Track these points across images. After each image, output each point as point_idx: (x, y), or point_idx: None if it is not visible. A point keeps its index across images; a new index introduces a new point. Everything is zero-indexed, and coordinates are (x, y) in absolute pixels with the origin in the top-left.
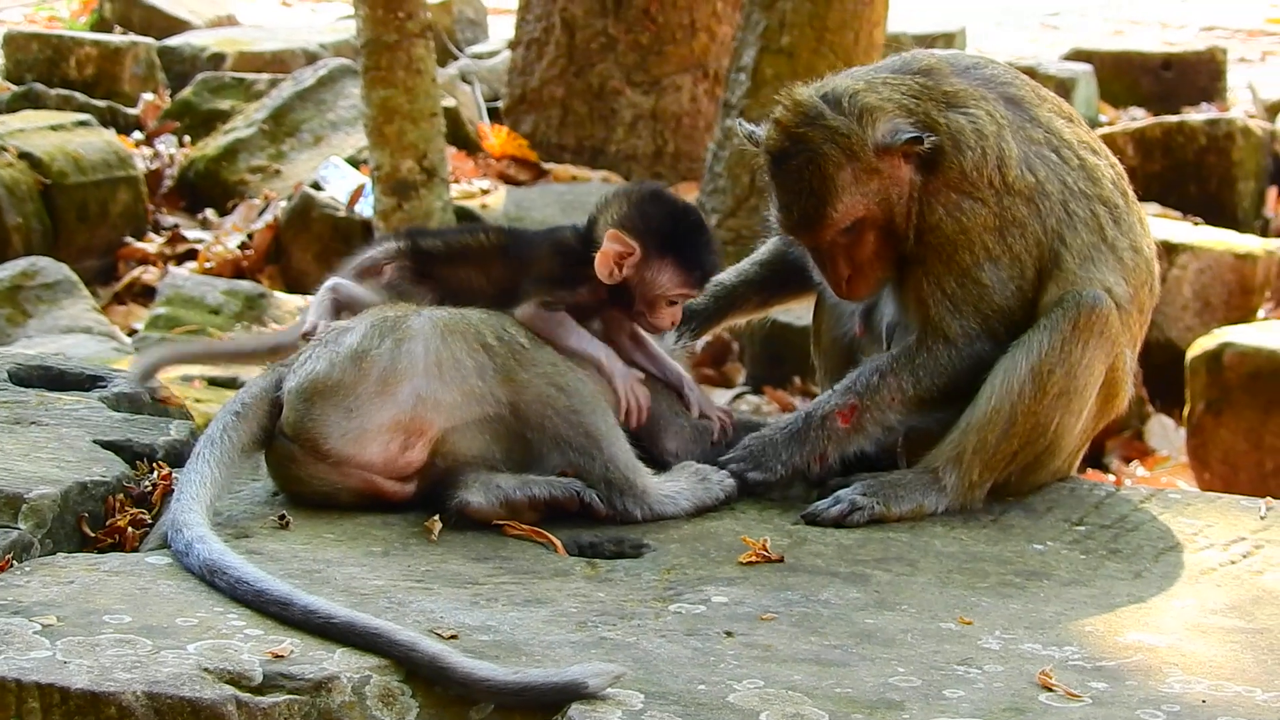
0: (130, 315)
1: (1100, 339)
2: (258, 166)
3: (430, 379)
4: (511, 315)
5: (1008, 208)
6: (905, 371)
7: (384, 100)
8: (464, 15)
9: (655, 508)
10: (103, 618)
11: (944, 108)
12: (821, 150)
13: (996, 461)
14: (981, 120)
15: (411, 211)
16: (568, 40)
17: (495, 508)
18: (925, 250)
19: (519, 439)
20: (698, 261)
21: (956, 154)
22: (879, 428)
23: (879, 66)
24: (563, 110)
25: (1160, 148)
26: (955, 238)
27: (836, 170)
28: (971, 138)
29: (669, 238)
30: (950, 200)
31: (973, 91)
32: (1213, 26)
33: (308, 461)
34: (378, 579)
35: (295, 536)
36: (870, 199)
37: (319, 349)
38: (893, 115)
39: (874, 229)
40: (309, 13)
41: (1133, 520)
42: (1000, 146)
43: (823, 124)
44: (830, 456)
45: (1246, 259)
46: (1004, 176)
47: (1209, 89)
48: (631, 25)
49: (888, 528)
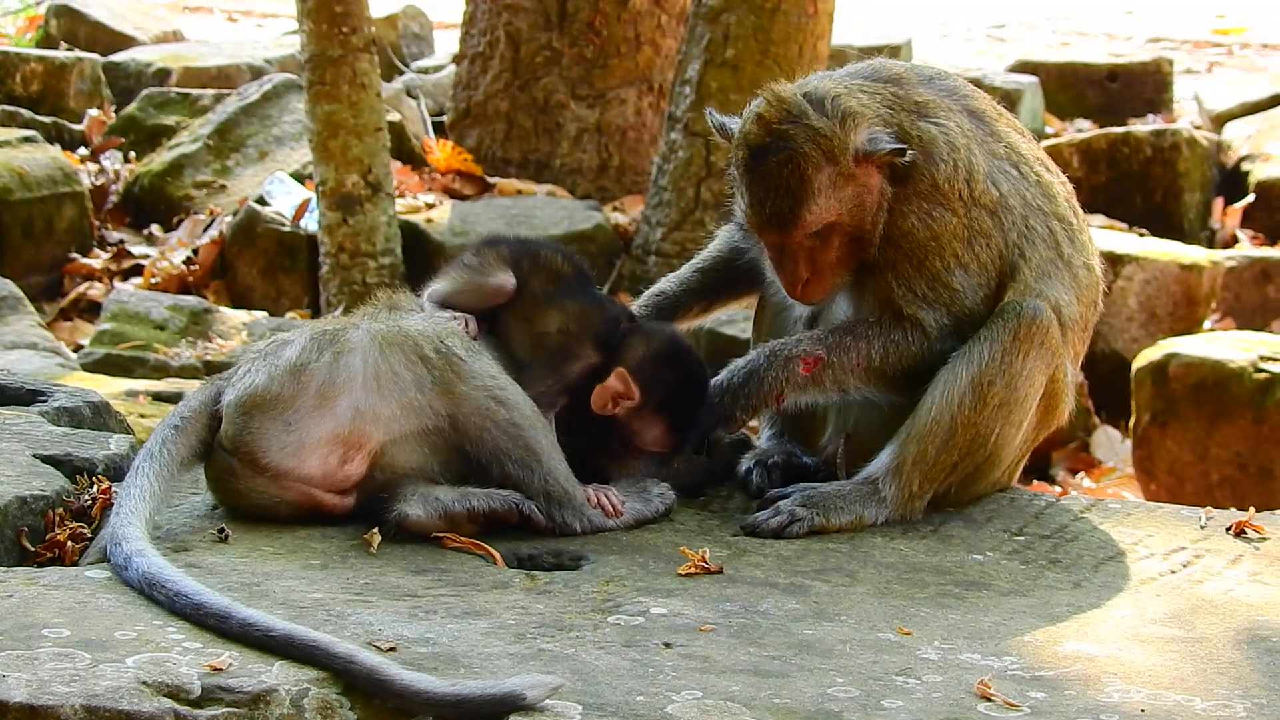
0: (76, 331)
1: (1040, 350)
2: (203, 182)
3: (369, 392)
4: (452, 327)
5: (975, 219)
6: (877, 342)
7: (329, 115)
8: (409, 30)
9: (594, 520)
10: (41, 631)
11: (916, 118)
12: (803, 149)
13: (936, 472)
14: (953, 132)
15: (356, 226)
16: (512, 54)
17: (434, 520)
18: (895, 255)
19: (458, 452)
20: (688, 430)
21: (929, 165)
22: (835, 387)
23: (850, 72)
24: (507, 124)
25: (1106, 159)
26: (927, 244)
27: (815, 171)
28: (944, 150)
29: (672, 401)
30: (922, 209)
31: (941, 103)
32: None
33: (247, 475)
34: (316, 592)
35: (234, 550)
36: (843, 204)
37: (258, 362)
38: (872, 123)
39: (841, 234)
40: (254, 28)
41: (1072, 530)
42: (970, 159)
43: (806, 123)
44: (785, 399)
45: (1192, 270)
46: (972, 190)
47: (1155, 100)
48: (576, 39)
49: (827, 539)
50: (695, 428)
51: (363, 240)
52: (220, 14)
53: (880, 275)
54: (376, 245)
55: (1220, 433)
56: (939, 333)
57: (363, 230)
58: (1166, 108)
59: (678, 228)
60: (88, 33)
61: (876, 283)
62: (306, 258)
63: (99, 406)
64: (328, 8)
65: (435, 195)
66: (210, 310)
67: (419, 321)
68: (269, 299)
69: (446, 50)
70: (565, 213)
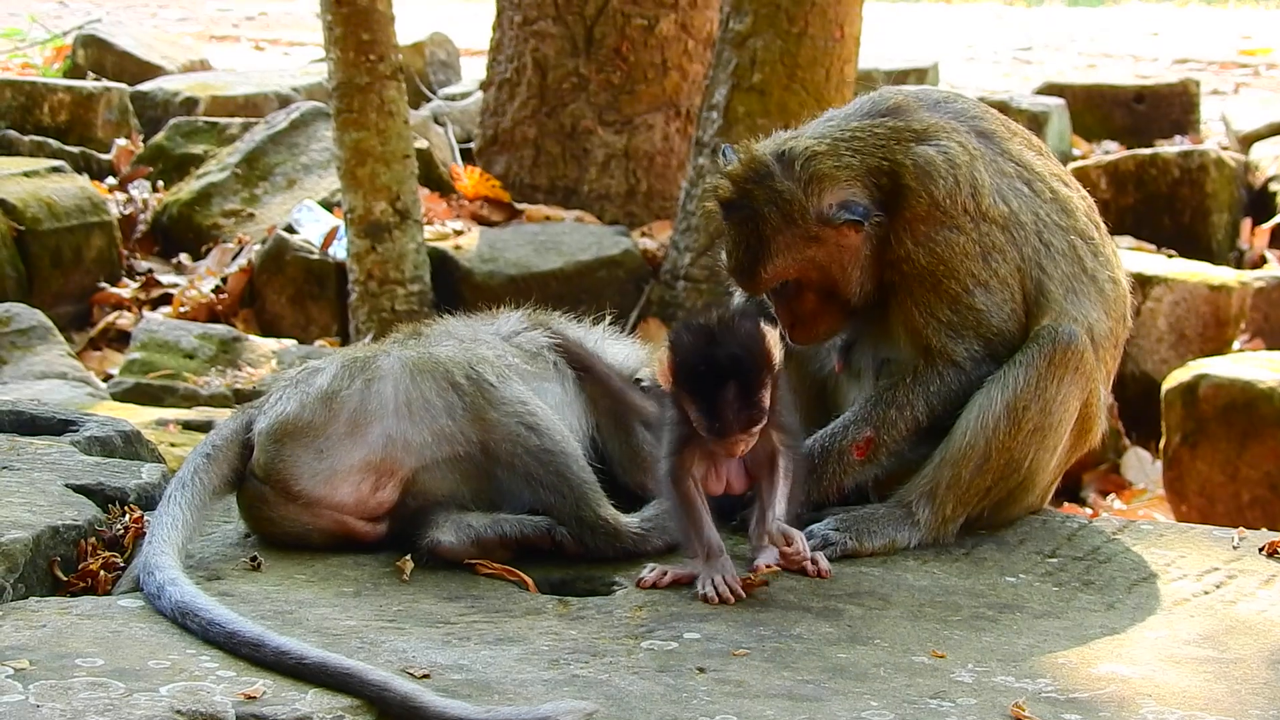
0: (105, 361)
1: (1075, 375)
2: (231, 210)
3: (400, 419)
4: (482, 354)
5: (986, 234)
6: (920, 401)
7: (356, 143)
8: (436, 57)
9: (627, 545)
10: (75, 661)
11: (914, 144)
12: (761, 211)
13: (970, 497)
14: (953, 150)
15: (385, 253)
16: (539, 80)
17: (467, 546)
18: (908, 282)
19: (490, 478)
20: (714, 415)
21: (925, 185)
22: (892, 458)
23: (850, 112)
24: (535, 150)
25: (1134, 180)
26: (934, 268)
27: (774, 233)
28: (942, 167)
29: (687, 379)
30: (920, 232)
31: (944, 125)
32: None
33: (279, 503)
34: (350, 619)
35: (267, 578)
36: (805, 263)
37: (289, 390)
38: (845, 185)
39: (811, 288)
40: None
41: (1105, 552)
42: (973, 175)
43: (769, 185)
44: (846, 487)
45: (1221, 291)
46: (978, 204)
47: (1182, 121)
48: (603, 65)
49: (860, 562)
50: (724, 408)
51: (391, 267)
52: (247, 43)
53: (901, 305)
54: (405, 272)
55: (1251, 453)
56: (973, 363)
57: (391, 257)
58: (1193, 129)
59: (706, 252)
60: (115, 62)
61: (901, 312)
62: (335, 285)
63: (130, 435)
64: (355, 35)
65: (463, 222)
66: (239, 339)
67: (450, 348)
68: (298, 327)
69: (474, 77)
70: (593, 238)
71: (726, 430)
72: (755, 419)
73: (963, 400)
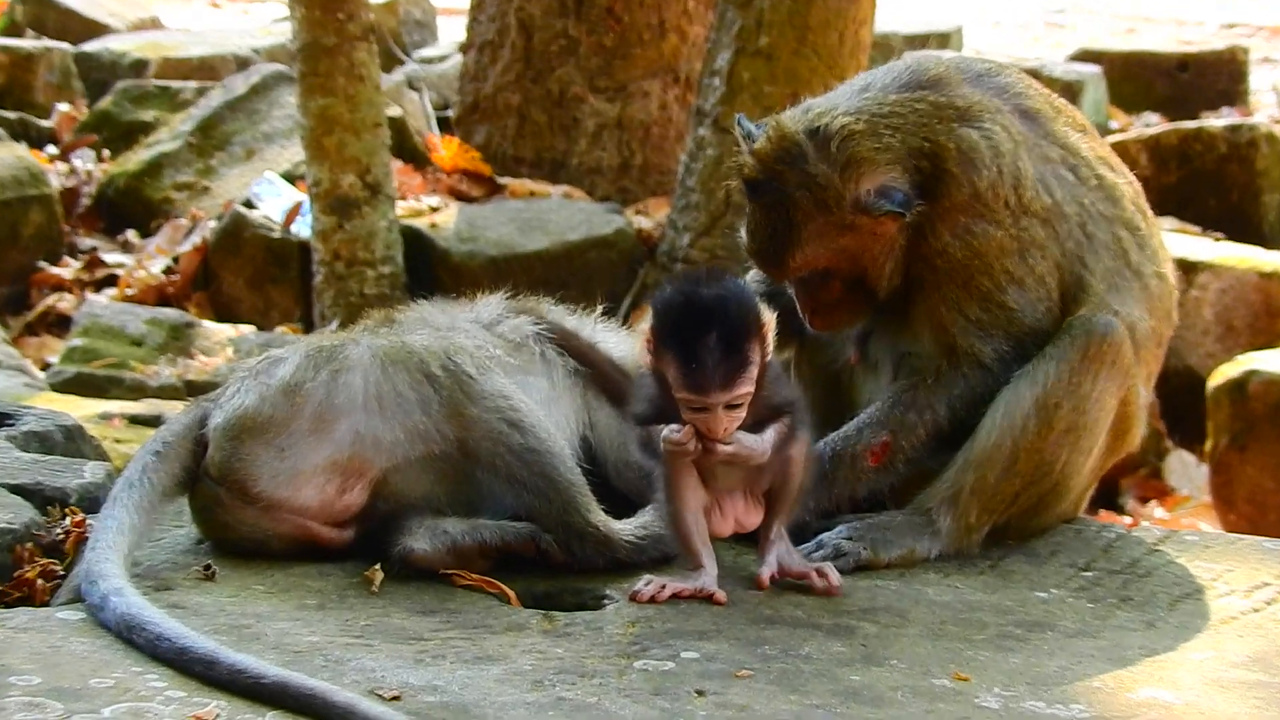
0: (44, 347)
1: (1112, 370)
2: (184, 183)
3: (370, 414)
4: (460, 343)
5: (1025, 229)
6: (941, 404)
7: (323, 109)
8: (410, 16)
9: (619, 555)
10: (9, 679)
11: (957, 124)
12: (793, 196)
13: (996, 503)
14: (997, 135)
15: (353, 232)
16: (524, 43)
17: (442, 555)
18: (937, 276)
19: (468, 479)
20: (700, 368)
21: (969, 173)
22: (909, 465)
23: (887, 83)
24: (519, 119)
25: (1177, 156)
26: (969, 262)
27: (805, 220)
28: (986, 154)
29: (666, 329)
30: (959, 224)
31: (987, 104)
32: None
33: (235, 506)
34: (313, 634)
35: (222, 588)
36: (836, 253)
37: (248, 381)
38: (884, 169)
39: (840, 277)
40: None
41: (1145, 565)
42: (1016, 165)
43: (801, 167)
44: (859, 496)
45: (1273, 278)
46: (1020, 197)
47: (1230, 92)
48: (595, 26)
49: (875, 575)
50: (706, 358)
51: (360, 247)
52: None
53: (927, 298)
54: (375, 252)
55: None
56: (1001, 365)
57: (360, 236)
58: (1242, 100)
59: (707, 233)
60: (57, 20)
61: (927, 306)
62: (298, 267)
63: (72, 431)
64: None
65: (440, 197)
66: (192, 324)
67: (425, 337)
68: (257, 312)
69: (452, 39)
70: (583, 216)
71: (705, 383)
72: (737, 376)
73: (985, 402)
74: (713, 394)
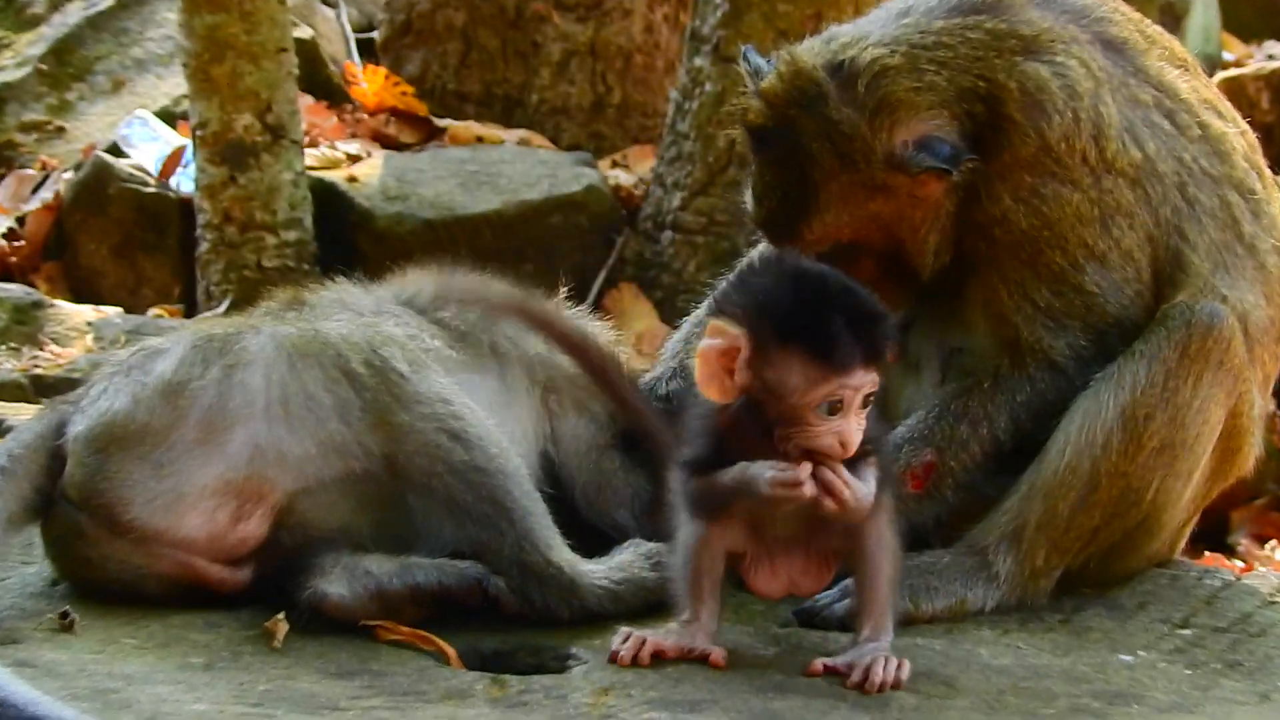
0: None
1: (1219, 372)
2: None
3: (273, 422)
4: (390, 333)
5: (1109, 192)
6: (1002, 414)
7: (212, 30)
8: None
9: (588, 603)
10: None
11: (1021, 58)
12: (809, 148)
13: (1070, 540)
14: (1072, 72)
15: (250, 187)
16: None
17: (364, 602)
18: (996, 251)
19: (398, 506)
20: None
21: (1034, 119)
22: (960, 491)
23: (932, 5)
24: (464, 44)
25: None
26: (1037, 234)
27: (825, 179)
28: (1059, 96)
29: (786, 316)
30: (1023, 184)
31: (1060, 32)
32: None
33: (101, 537)
34: (198, 702)
35: (83, 642)
36: (865, 221)
37: (118, 379)
38: (927, 115)
39: (869, 254)
40: None
41: (1259, 621)
42: (1097, 109)
43: (820, 111)
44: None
45: None
46: (1102, 151)
47: None
48: None
49: (915, 631)
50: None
51: (258, 206)
52: None
53: (983, 280)
54: (278, 213)
55: None
56: (1077, 364)
57: (258, 192)
58: None
59: (703, 191)
60: None
61: (984, 290)
62: (178, 231)
63: None
64: None
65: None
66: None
67: (344, 325)
68: (125, 289)
69: None
70: (545, 169)
71: (848, 359)
72: (883, 345)
73: (1062, 412)
74: (855, 372)
